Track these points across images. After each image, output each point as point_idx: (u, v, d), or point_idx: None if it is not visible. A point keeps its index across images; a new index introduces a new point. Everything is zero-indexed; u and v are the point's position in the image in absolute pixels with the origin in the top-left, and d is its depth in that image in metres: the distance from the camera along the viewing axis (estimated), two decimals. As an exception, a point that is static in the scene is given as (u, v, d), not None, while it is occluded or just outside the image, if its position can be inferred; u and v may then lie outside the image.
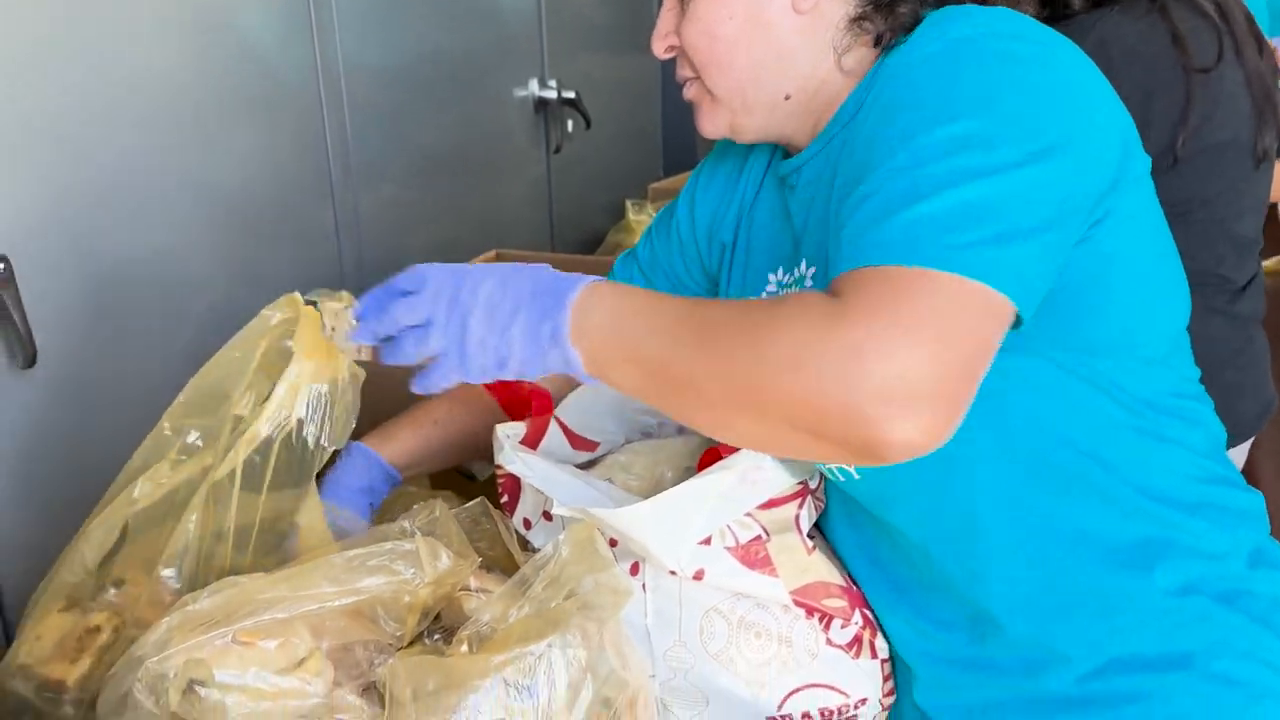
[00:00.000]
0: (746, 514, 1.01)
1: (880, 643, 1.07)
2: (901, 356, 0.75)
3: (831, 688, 1.05)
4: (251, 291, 1.45)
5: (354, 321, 1.52)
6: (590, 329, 0.86)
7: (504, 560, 1.09)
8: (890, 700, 1.10)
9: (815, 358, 0.76)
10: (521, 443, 1.10)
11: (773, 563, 1.01)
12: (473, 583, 1.02)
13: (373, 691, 0.91)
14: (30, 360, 1.11)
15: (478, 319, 0.88)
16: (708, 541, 1.00)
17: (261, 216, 1.47)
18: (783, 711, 1.05)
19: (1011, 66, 0.87)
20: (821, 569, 1.04)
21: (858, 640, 1.05)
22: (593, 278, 0.89)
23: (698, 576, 1.00)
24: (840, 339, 0.76)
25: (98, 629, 1.02)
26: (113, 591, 1.04)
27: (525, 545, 1.11)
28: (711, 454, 1.01)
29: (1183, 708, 0.97)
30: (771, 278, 1.12)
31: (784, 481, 1.02)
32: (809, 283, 1.05)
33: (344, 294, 1.54)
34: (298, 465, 1.01)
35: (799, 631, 1.03)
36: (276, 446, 1.00)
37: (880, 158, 0.85)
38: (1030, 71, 0.87)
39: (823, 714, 1.06)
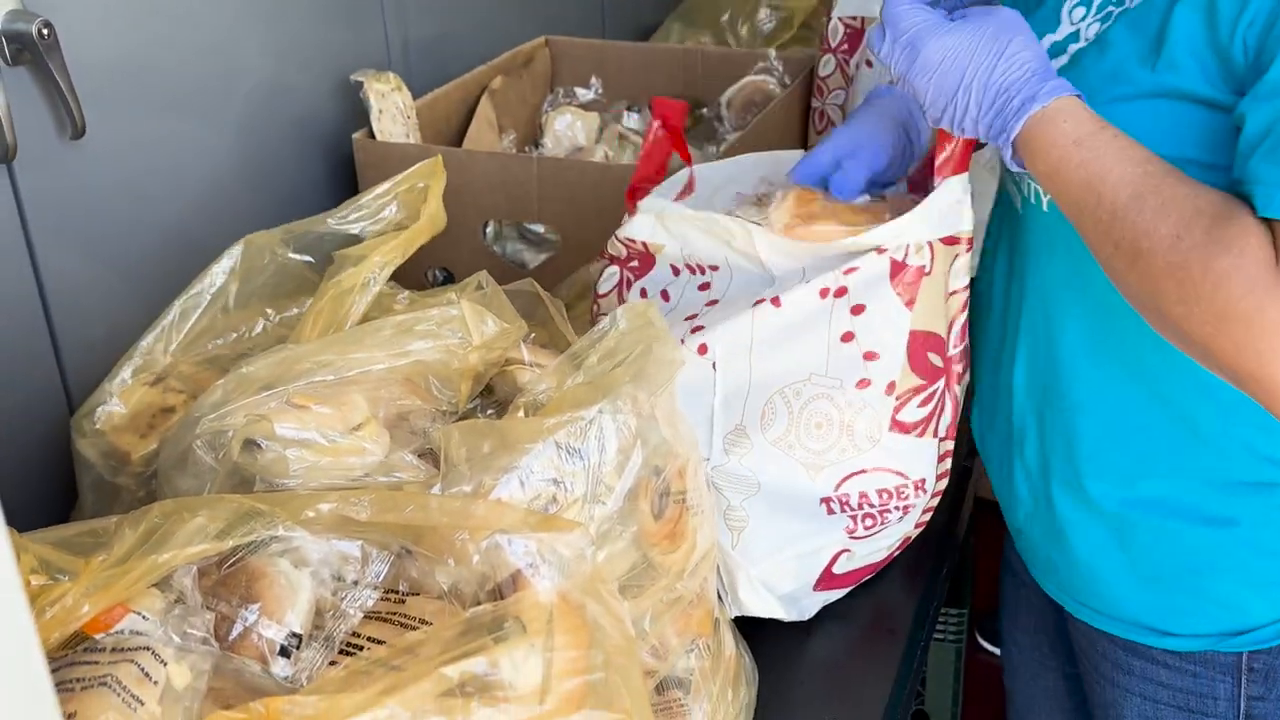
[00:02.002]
0: (927, 241, 1.02)
1: (944, 421, 1.08)
2: None
3: (890, 470, 1.06)
4: (299, 72, 1.43)
5: (403, 103, 1.50)
6: (1059, 125, 0.87)
7: (557, 344, 1.10)
8: (943, 483, 1.11)
9: (1241, 328, 0.78)
10: None
11: (916, 296, 1.03)
12: (526, 356, 1.02)
13: (429, 458, 0.93)
14: (80, 130, 1.10)
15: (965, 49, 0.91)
16: (881, 250, 1.02)
17: (308, -3, 1.44)
18: (840, 493, 1.06)
19: None
20: (941, 322, 1.05)
21: (926, 421, 1.06)
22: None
23: (848, 271, 1.02)
24: (1272, 324, 0.77)
25: (172, 409, 1.05)
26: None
27: (596, 321, 1.11)
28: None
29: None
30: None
31: (968, 224, 1.04)
32: (1092, 25, 1.00)
33: (390, 75, 1.52)
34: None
35: (864, 419, 1.04)
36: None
37: None
38: None
39: (880, 495, 1.07)
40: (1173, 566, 1.02)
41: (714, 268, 1.09)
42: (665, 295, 1.12)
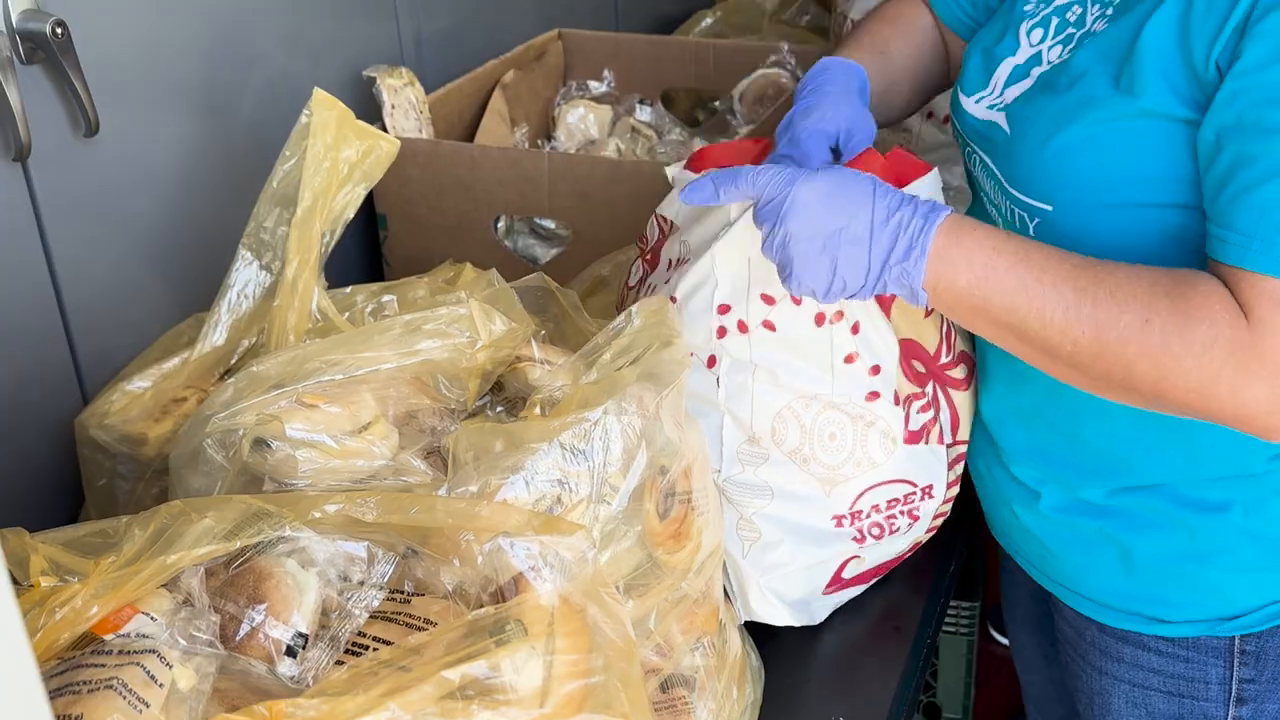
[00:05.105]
0: None
1: (948, 427, 1.08)
2: None
3: (901, 480, 1.07)
4: (310, 66, 1.44)
5: (416, 98, 1.50)
6: (950, 285, 0.88)
7: (569, 338, 1.10)
8: (954, 490, 1.11)
9: (1229, 390, 0.82)
10: None
11: (890, 308, 1.04)
12: (536, 353, 1.03)
13: (436, 457, 0.93)
14: (94, 128, 1.11)
15: (803, 243, 0.89)
16: None
17: (320, -10, 1.44)
18: (854, 509, 1.06)
19: None
20: (927, 333, 1.05)
21: (928, 427, 1.07)
22: (946, 210, 0.89)
23: None
24: (1254, 375, 0.81)
25: (184, 399, 1.06)
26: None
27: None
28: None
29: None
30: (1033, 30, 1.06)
31: None
32: (1054, 48, 0.99)
33: (403, 70, 1.52)
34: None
35: (876, 432, 1.04)
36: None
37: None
38: None
39: (890, 504, 1.07)
40: (1166, 555, 1.02)
41: (684, 261, 1.07)
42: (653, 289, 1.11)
